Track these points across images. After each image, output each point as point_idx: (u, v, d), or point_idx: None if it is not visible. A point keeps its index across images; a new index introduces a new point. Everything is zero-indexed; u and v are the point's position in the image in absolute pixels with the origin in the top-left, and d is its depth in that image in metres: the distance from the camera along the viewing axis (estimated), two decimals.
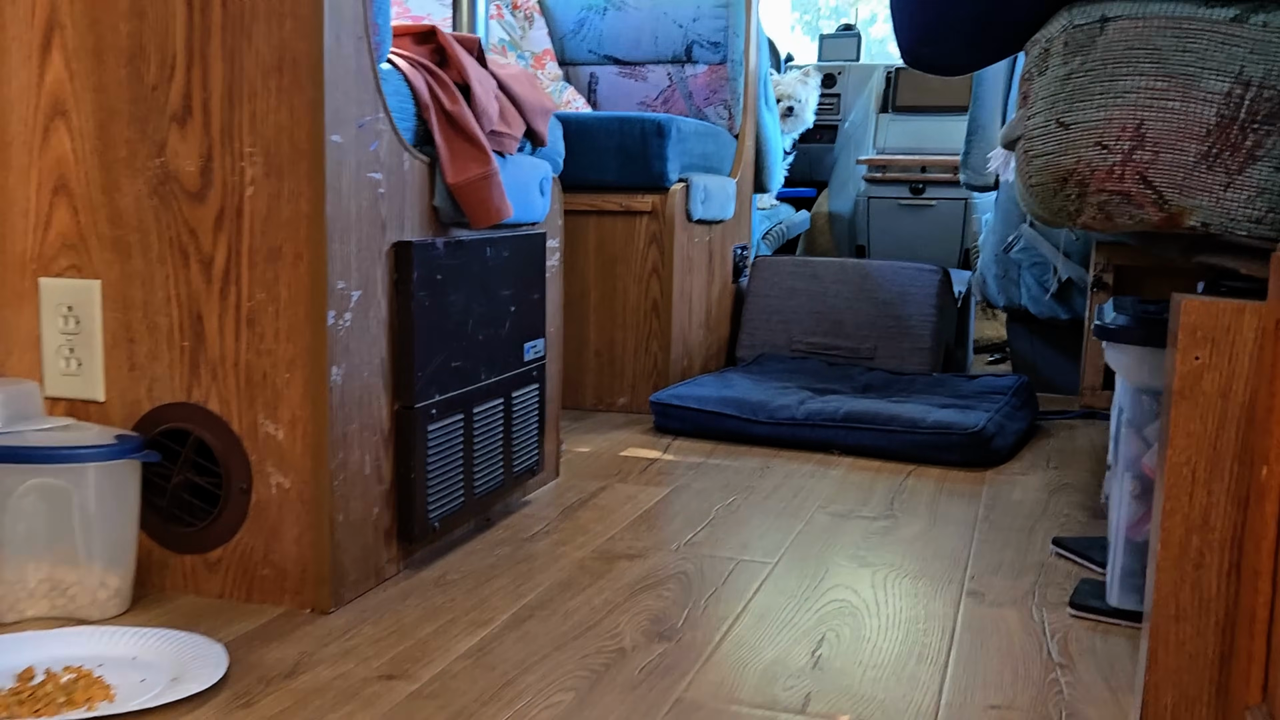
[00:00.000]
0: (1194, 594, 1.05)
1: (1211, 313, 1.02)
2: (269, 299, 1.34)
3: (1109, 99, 1.08)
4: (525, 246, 1.77)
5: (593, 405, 2.73)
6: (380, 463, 1.45)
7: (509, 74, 1.74)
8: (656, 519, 1.80)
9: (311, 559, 1.37)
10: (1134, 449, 1.38)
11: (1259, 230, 1.06)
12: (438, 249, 1.50)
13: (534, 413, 1.83)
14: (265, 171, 1.32)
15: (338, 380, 1.35)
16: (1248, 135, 1.05)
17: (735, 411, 2.37)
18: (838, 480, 2.08)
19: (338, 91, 1.31)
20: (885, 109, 4.53)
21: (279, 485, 1.37)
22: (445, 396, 1.55)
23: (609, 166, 2.66)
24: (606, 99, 3.20)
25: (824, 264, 3.09)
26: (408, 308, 1.46)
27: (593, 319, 2.71)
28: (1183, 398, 1.04)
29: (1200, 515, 1.05)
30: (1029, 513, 1.88)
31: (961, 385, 2.71)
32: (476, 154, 1.54)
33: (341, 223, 1.34)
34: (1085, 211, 1.12)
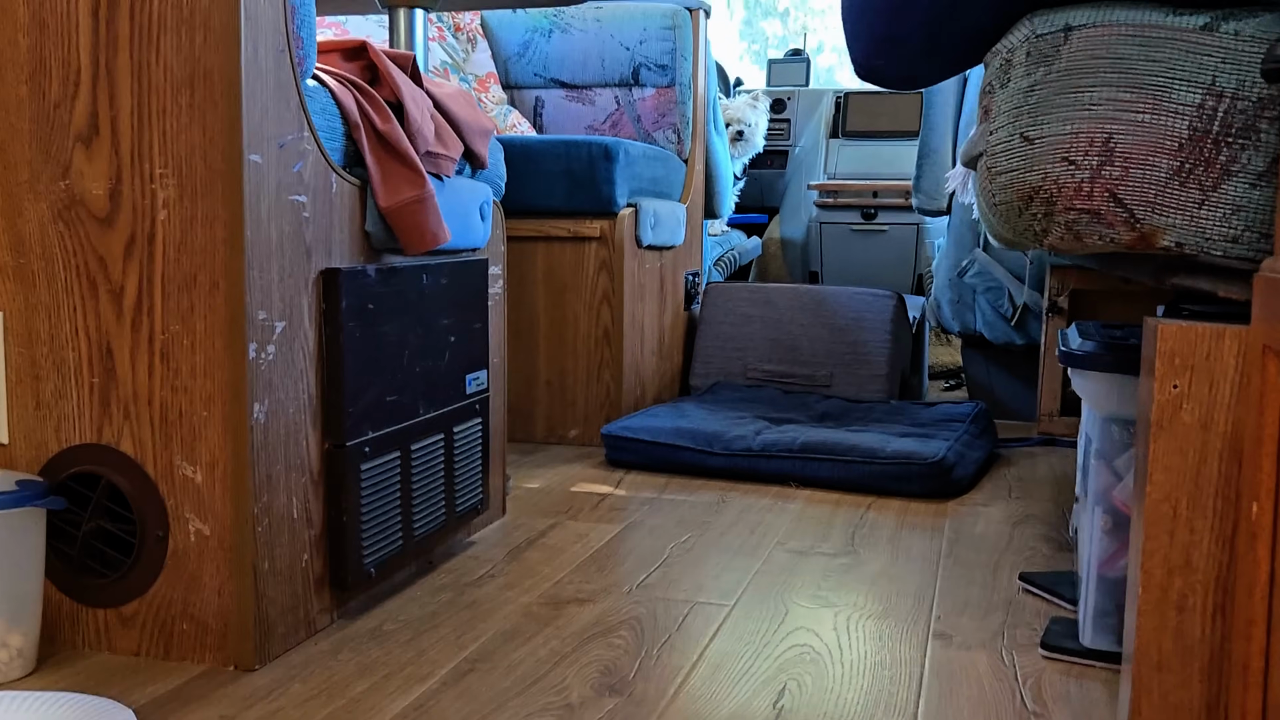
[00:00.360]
0: (1177, 640, 0.99)
1: (1189, 338, 0.96)
2: (184, 331, 1.25)
3: (1075, 111, 1.02)
4: (465, 273, 1.68)
5: (544, 438, 2.65)
6: (309, 505, 1.36)
7: (446, 93, 1.66)
8: (608, 559, 1.72)
9: (234, 611, 1.27)
10: (1104, 481, 1.31)
11: (1235, 250, 1.00)
12: (369, 276, 1.42)
13: (477, 448, 1.75)
14: (179, 194, 1.23)
15: (260, 418, 1.26)
16: (1221, 149, 0.99)
17: (690, 443, 2.29)
18: (796, 514, 2.00)
19: (256, 108, 1.22)
20: (835, 134, 4.50)
21: (198, 532, 1.27)
22: (380, 433, 1.45)
23: (556, 191, 2.58)
24: (553, 123, 3.13)
25: (778, 290, 3.03)
26: (337, 339, 1.37)
27: (543, 348, 2.63)
28: (1161, 429, 0.98)
29: (1182, 555, 0.98)
30: (993, 546, 1.81)
31: (919, 413, 2.65)
32: (410, 175, 1.46)
33: (262, 249, 1.25)
34: (1052, 232, 1.05)
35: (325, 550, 1.39)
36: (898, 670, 1.30)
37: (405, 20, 2.09)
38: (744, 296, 3.03)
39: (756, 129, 3.97)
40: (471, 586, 1.58)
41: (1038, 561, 1.73)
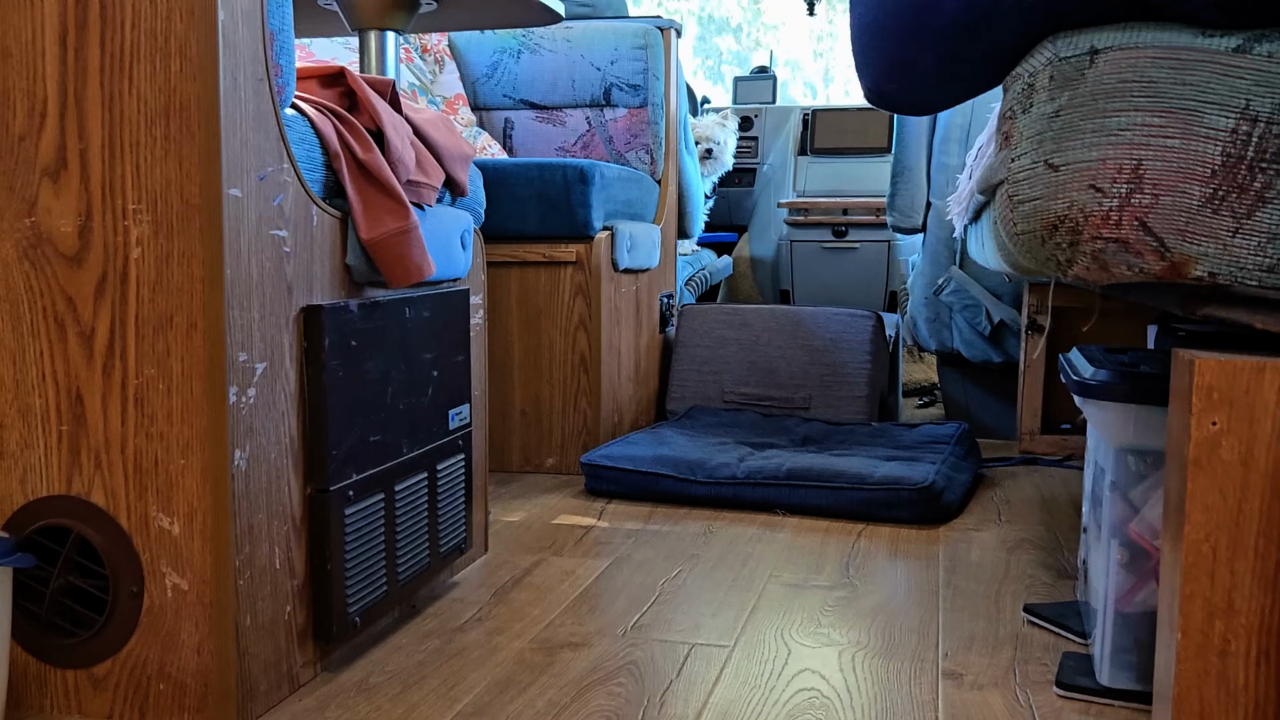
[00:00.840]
0: (1220, 686, 0.94)
1: (1228, 373, 0.92)
2: (160, 375, 1.18)
3: (1102, 137, 0.98)
4: (447, 305, 1.62)
5: (520, 467, 2.58)
6: (291, 554, 1.29)
7: (425, 119, 1.60)
8: (598, 598, 1.66)
9: (214, 670, 1.20)
10: (1120, 513, 1.27)
11: (1272, 280, 0.96)
12: (352, 312, 1.35)
13: (460, 485, 1.68)
14: (153, 231, 1.16)
15: (241, 465, 1.19)
16: (1256, 175, 0.95)
17: (672, 471, 2.24)
18: (786, 544, 1.95)
19: (235, 140, 1.16)
20: (804, 151, 4.48)
21: (175, 587, 1.20)
22: (363, 475, 1.39)
23: (530, 215, 2.52)
24: (523, 145, 3.07)
25: (754, 311, 2.99)
26: (319, 379, 1.30)
27: (518, 376, 2.57)
28: (1199, 468, 0.94)
29: (1224, 598, 0.94)
30: (991, 575, 1.77)
31: (902, 435, 2.61)
32: (393, 206, 1.40)
33: (242, 287, 1.18)
34: (1078, 262, 1.01)
35: (309, 600, 1.33)
36: (912, 715, 1.25)
37: (376, 42, 2.03)
38: (720, 318, 2.98)
39: (725, 147, 3.94)
40: (459, 632, 1.52)
41: (1039, 590, 1.69)
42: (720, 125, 3.92)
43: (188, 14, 1.13)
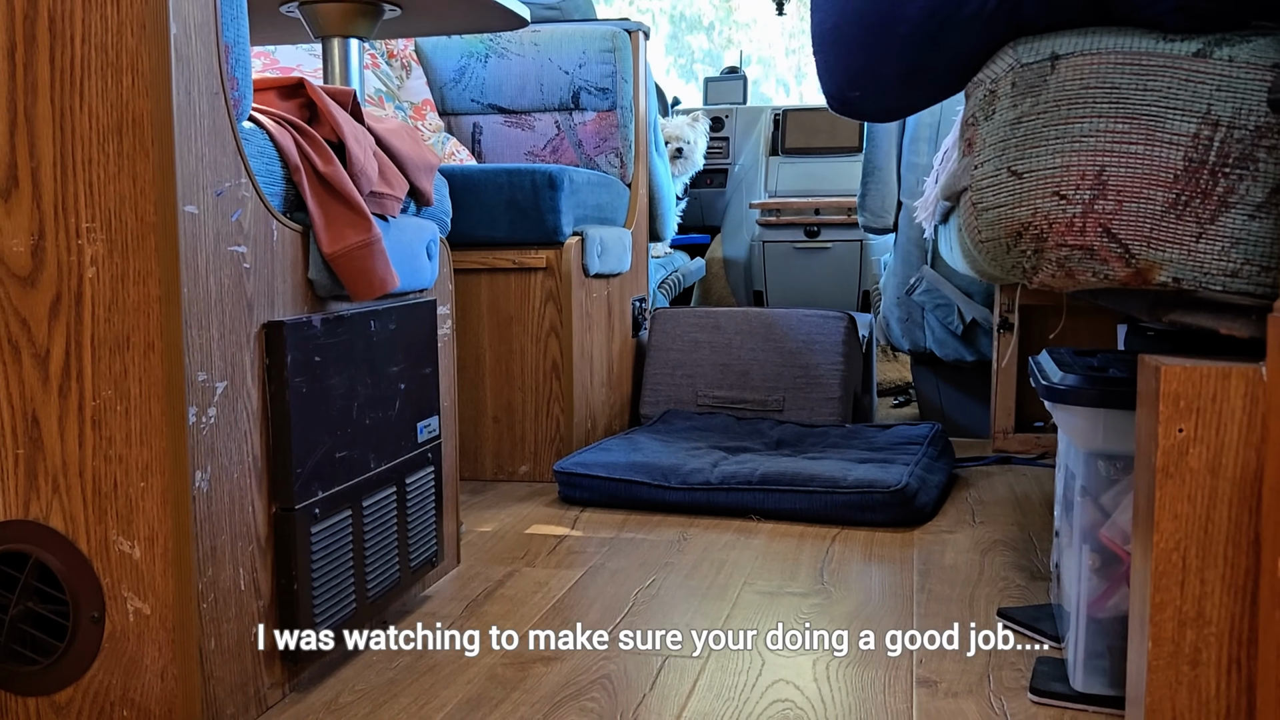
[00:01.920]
0: (1192, 695, 0.94)
1: (1194, 379, 0.92)
2: (117, 396, 1.16)
3: (1065, 144, 0.98)
4: (413, 317, 1.60)
5: (493, 475, 2.56)
6: (257, 575, 1.27)
7: (387, 128, 1.59)
8: (572, 610, 1.64)
9: (179, 695, 1.18)
10: (1090, 518, 1.27)
11: (1235, 285, 0.96)
12: (314, 327, 1.33)
13: (430, 498, 1.66)
14: (108, 250, 1.14)
15: (203, 486, 1.17)
16: (1219, 180, 0.95)
17: (646, 478, 2.23)
18: (761, 550, 1.94)
19: (191, 155, 1.14)
20: (775, 151, 4.47)
21: (137, 611, 1.18)
22: (330, 492, 1.37)
23: (499, 222, 2.51)
24: (492, 150, 3.06)
25: (726, 314, 2.98)
26: (282, 396, 1.28)
27: (489, 383, 2.55)
28: (1168, 476, 0.93)
29: (1194, 607, 0.93)
30: (965, 578, 1.77)
31: (875, 437, 2.61)
32: (355, 219, 1.38)
33: (200, 305, 1.16)
34: (1043, 269, 1.01)
35: (275, 621, 1.31)
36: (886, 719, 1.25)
37: (340, 49, 2.01)
38: (692, 322, 2.97)
39: (696, 147, 3.93)
40: (430, 648, 1.50)
41: (1013, 593, 1.69)
42: (690, 125, 3.91)
43: (139, 28, 1.11)
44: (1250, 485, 0.91)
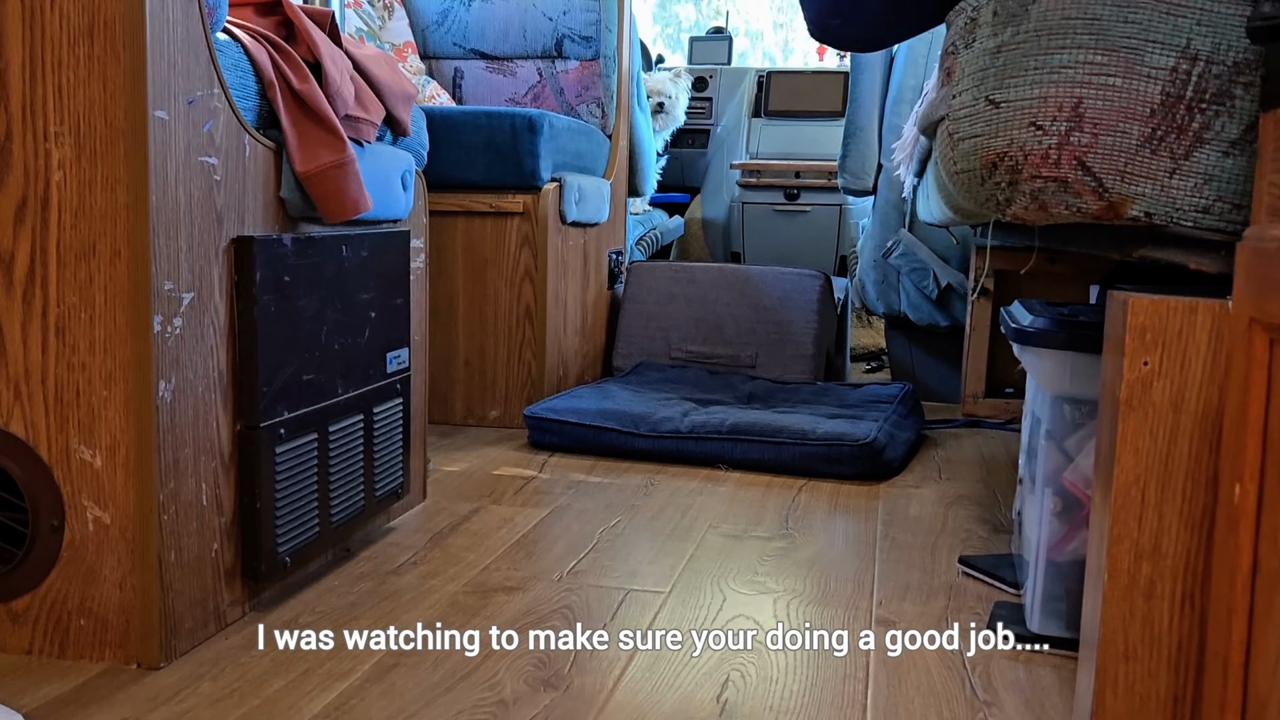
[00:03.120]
0: (1145, 629, 0.95)
1: (1161, 312, 0.92)
2: (82, 304, 1.14)
3: (1044, 74, 0.97)
4: (386, 245, 1.59)
5: (462, 419, 2.56)
6: (220, 491, 1.27)
7: (366, 54, 1.57)
8: (535, 545, 1.64)
9: (137, 606, 1.18)
10: (1054, 463, 1.28)
11: (1206, 221, 0.96)
12: (285, 246, 1.32)
13: (398, 430, 1.66)
14: (75, 154, 1.12)
15: (166, 397, 1.16)
16: (1195, 116, 0.95)
17: (616, 425, 2.23)
18: (727, 497, 1.95)
19: (163, 61, 1.12)
20: (758, 113, 4.45)
21: (97, 521, 1.17)
22: (295, 414, 1.36)
23: (477, 164, 2.49)
24: (473, 95, 3.03)
25: (703, 269, 2.98)
26: (250, 313, 1.27)
27: (461, 326, 2.54)
28: (1130, 409, 0.93)
29: (1151, 541, 0.94)
30: (929, 529, 1.78)
31: (847, 394, 2.61)
32: (329, 139, 1.36)
33: (168, 214, 1.15)
34: (1016, 201, 1.01)
35: (237, 539, 1.30)
36: (843, 658, 1.26)
37: None
38: (668, 275, 2.97)
39: (677, 102, 3.91)
40: (393, 575, 1.50)
41: (974, 544, 1.70)
42: (673, 81, 3.89)
43: None
44: (1212, 421, 0.91)
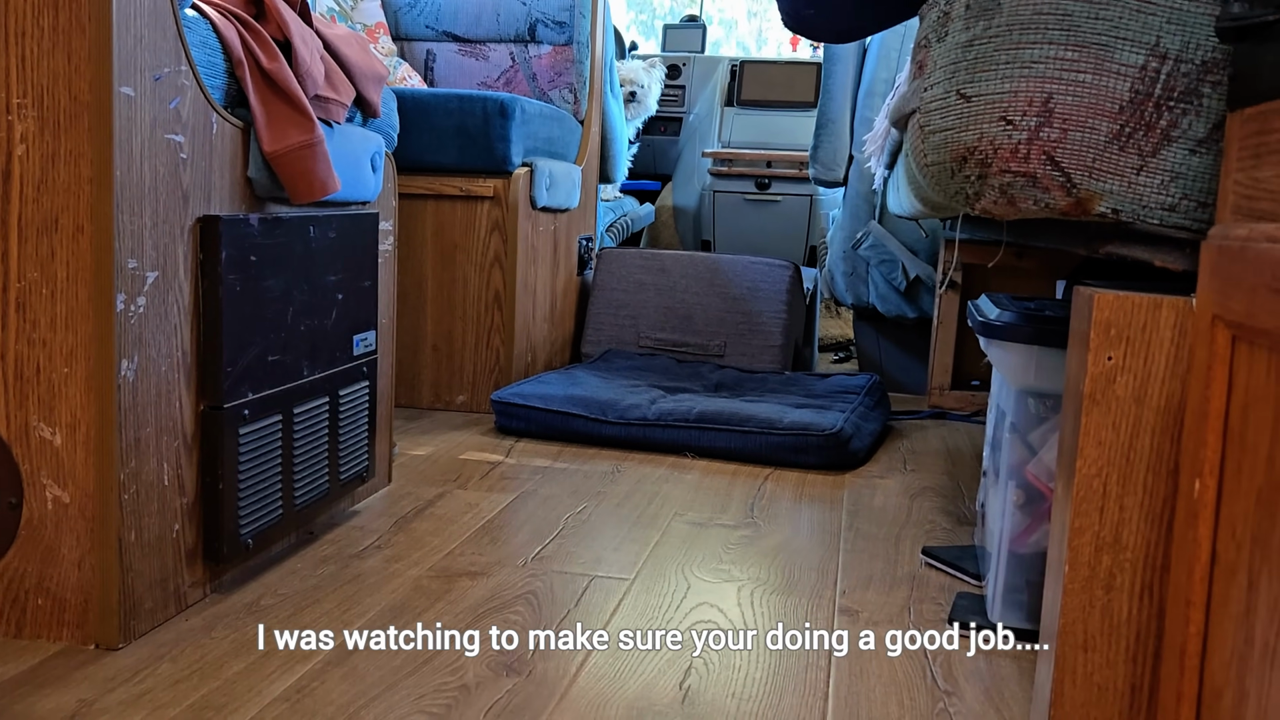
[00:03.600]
0: (1104, 619, 0.96)
1: (1126, 308, 0.93)
2: (43, 279, 1.13)
3: (1015, 69, 0.98)
4: (354, 227, 1.58)
5: (430, 403, 2.55)
6: (182, 472, 1.26)
7: (337, 34, 1.56)
8: (500, 530, 1.64)
9: (96, 586, 1.17)
10: (1018, 455, 1.29)
11: (1172, 219, 0.97)
12: (251, 226, 1.31)
13: (363, 413, 1.65)
14: (39, 127, 1.11)
15: (128, 376, 1.15)
16: (1163, 113, 0.95)
17: (583, 411, 2.22)
18: (693, 485, 1.95)
19: (129, 36, 1.11)
20: (730, 102, 4.45)
21: (56, 499, 1.16)
22: (260, 395, 1.35)
23: (448, 148, 2.47)
24: (445, 78, 3.01)
25: (673, 257, 2.97)
26: (215, 292, 1.26)
27: (430, 311, 2.53)
28: (1095, 403, 0.94)
29: (1112, 532, 0.95)
30: (893, 519, 1.79)
31: (814, 384, 2.62)
32: (298, 119, 1.35)
33: (133, 191, 1.13)
34: (985, 195, 1.01)
35: (199, 520, 1.29)
36: (806, 648, 1.26)
37: None
38: (638, 263, 2.96)
39: (650, 91, 3.90)
40: (356, 558, 1.49)
41: (938, 535, 1.71)
42: (646, 70, 3.88)
43: None
44: (1174, 415, 0.92)
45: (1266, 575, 0.68)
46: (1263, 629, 0.68)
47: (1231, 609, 0.75)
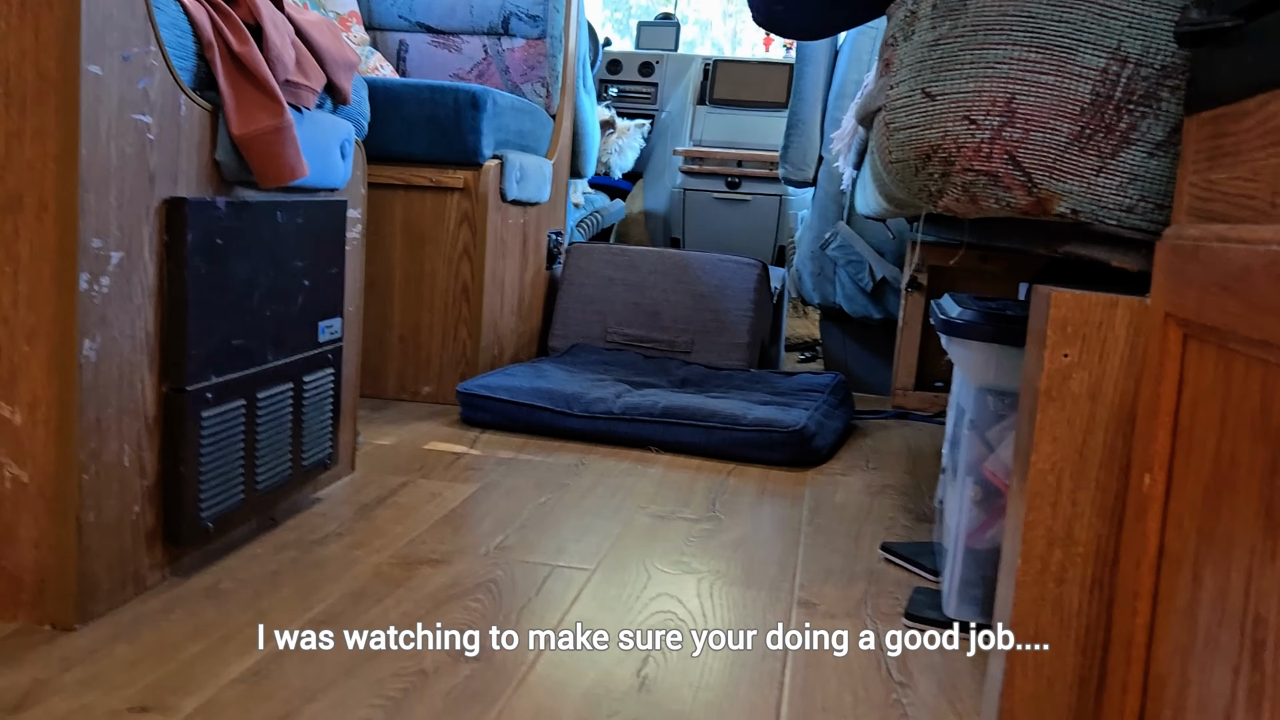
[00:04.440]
0: (1055, 612, 0.97)
1: (1082, 306, 0.94)
2: (6, 258, 1.12)
3: (979, 69, 0.99)
4: (322, 214, 1.58)
5: (395, 394, 2.54)
6: (143, 453, 1.25)
7: (309, 20, 1.55)
8: (463, 520, 1.64)
9: (53, 565, 1.16)
10: (976, 452, 1.30)
11: (1130, 220, 0.98)
12: (218, 209, 1.31)
13: (328, 399, 1.65)
14: (4, 105, 1.10)
15: (91, 356, 1.15)
16: (1122, 116, 0.97)
17: (549, 404, 2.23)
18: (657, 479, 1.96)
19: (97, 14, 1.11)
20: (703, 101, 4.46)
21: (14, 478, 1.15)
22: (224, 379, 1.35)
23: (418, 138, 2.47)
24: (417, 69, 3.01)
25: (641, 253, 2.98)
26: (180, 275, 1.26)
27: (397, 301, 2.52)
28: (1050, 399, 0.96)
29: (1064, 527, 0.96)
30: (854, 515, 1.80)
31: (779, 382, 2.64)
32: (267, 103, 1.35)
33: (99, 170, 1.13)
34: (948, 193, 1.02)
35: (159, 502, 1.29)
36: (763, 639, 1.27)
37: None
38: (607, 259, 2.97)
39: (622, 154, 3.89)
40: (317, 545, 1.49)
41: (897, 531, 1.73)
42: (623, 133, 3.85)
43: None
44: (1127, 412, 0.94)
45: (1210, 568, 0.70)
46: (1206, 620, 0.70)
47: (1177, 601, 0.76)
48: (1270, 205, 0.67)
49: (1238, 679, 0.63)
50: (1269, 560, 0.60)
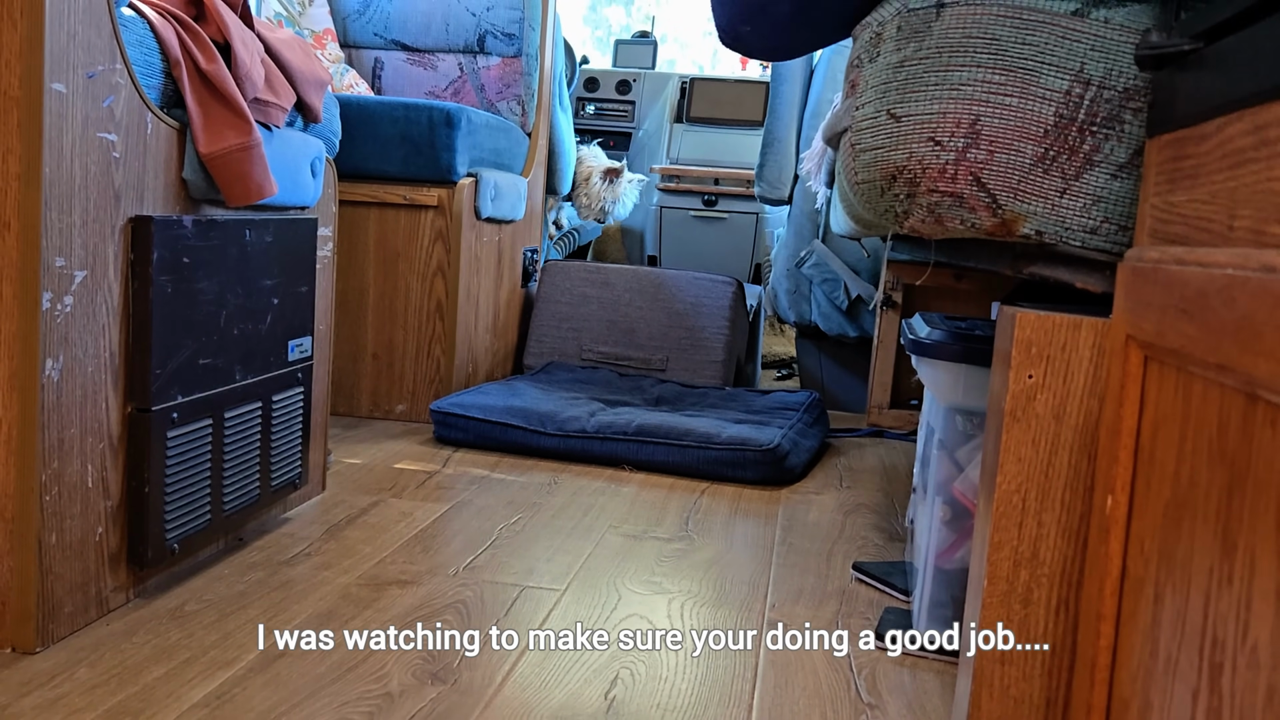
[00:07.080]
0: (1020, 634, 0.97)
1: (1046, 327, 0.94)
2: None
3: (944, 91, 0.99)
4: (292, 232, 1.57)
5: (368, 413, 2.53)
6: (107, 474, 1.24)
7: (279, 38, 1.55)
8: (433, 540, 1.63)
9: (14, 587, 1.15)
10: (945, 472, 1.30)
11: (1093, 241, 0.99)
12: (185, 227, 1.30)
13: (297, 419, 1.64)
14: None
15: (53, 375, 1.14)
16: (1086, 138, 0.97)
17: (522, 422, 2.22)
18: (630, 498, 1.96)
19: (62, 31, 1.10)
20: (680, 119, 4.47)
21: None
22: (190, 398, 1.34)
23: (392, 156, 2.47)
24: (392, 87, 3.00)
25: (617, 271, 2.98)
26: (145, 294, 1.25)
27: (371, 319, 2.51)
28: (1015, 420, 0.96)
29: (1030, 548, 0.96)
30: (826, 535, 1.80)
31: (754, 400, 2.64)
32: (235, 121, 1.34)
33: (63, 188, 1.12)
34: (914, 214, 1.03)
35: (123, 523, 1.28)
36: (732, 659, 1.27)
37: None
38: (582, 276, 2.97)
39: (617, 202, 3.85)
40: (285, 565, 1.48)
41: (870, 551, 1.73)
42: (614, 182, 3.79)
43: None
44: (1091, 433, 0.94)
45: (1170, 589, 0.70)
46: (1166, 641, 0.70)
47: (1139, 623, 0.76)
48: (1227, 229, 0.67)
49: (1196, 702, 0.63)
50: (1226, 583, 0.60)
